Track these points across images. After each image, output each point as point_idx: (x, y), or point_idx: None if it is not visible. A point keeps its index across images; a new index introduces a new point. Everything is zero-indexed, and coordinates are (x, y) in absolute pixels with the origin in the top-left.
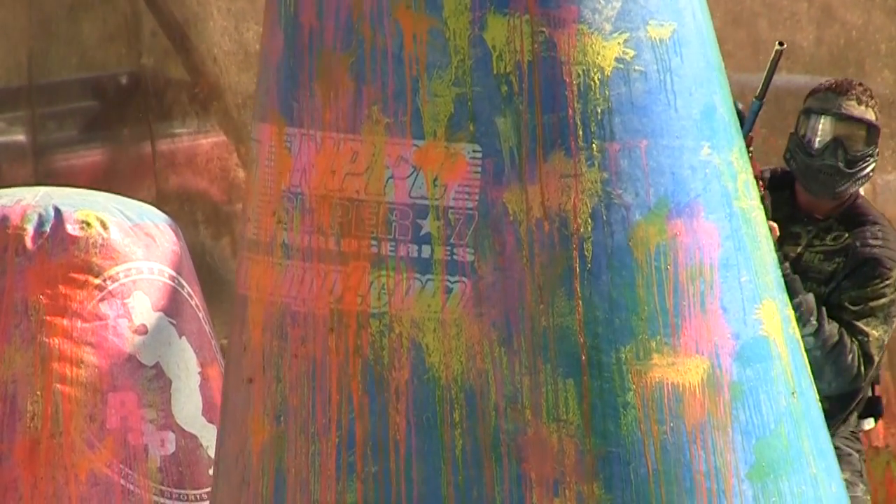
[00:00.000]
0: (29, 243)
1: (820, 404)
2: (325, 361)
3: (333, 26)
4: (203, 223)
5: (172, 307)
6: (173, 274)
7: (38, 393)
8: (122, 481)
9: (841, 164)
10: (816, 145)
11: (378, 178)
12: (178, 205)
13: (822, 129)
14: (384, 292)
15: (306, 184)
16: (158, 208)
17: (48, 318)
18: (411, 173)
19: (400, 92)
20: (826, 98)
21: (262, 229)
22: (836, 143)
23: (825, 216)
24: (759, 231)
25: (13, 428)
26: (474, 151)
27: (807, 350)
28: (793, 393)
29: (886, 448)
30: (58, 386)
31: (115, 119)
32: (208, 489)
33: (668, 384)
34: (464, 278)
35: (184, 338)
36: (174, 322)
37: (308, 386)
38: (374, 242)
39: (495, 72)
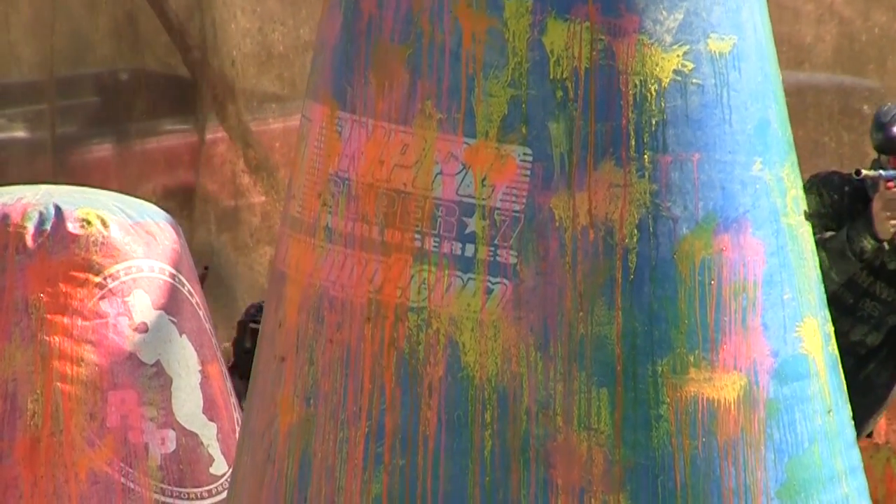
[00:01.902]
0: (29, 241)
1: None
2: (359, 350)
3: (393, 17)
4: (210, 222)
5: (173, 305)
6: (173, 272)
7: (39, 391)
8: (123, 480)
9: None
10: None
11: (426, 172)
12: (184, 202)
13: None
14: (424, 287)
15: (354, 170)
16: (166, 205)
17: (48, 316)
18: (460, 171)
19: (455, 89)
20: None
21: (306, 209)
22: None
23: None
24: (805, 247)
25: (13, 426)
26: (525, 154)
27: None
28: (829, 411)
29: (886, 444)
30: (58, 384)
31: (131, 115)
32: (209, 487)
33: (703, 399)
34: (505, 280)
35: (184, 336)
36: (174, 320)
37: (341, 372)
38: (417, 236)
39: (551, 76)
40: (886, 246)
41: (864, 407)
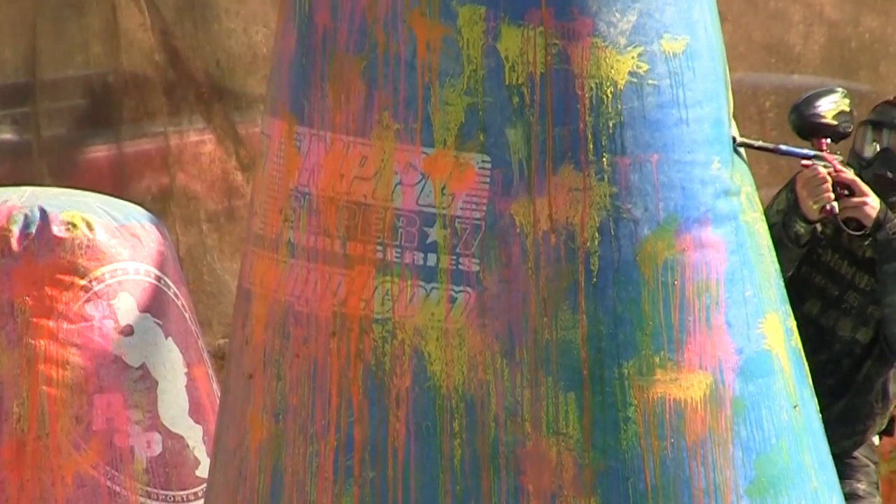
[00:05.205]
0: (15, 244)
1: (821, 418)
2: (326, 363)
3: (347, 28)
4: (204, 222)
5: (158, 308)
6: (159, 274)
7: (25, 395)
8: (109, 483)
9: (890, 174)
10: (866, 155)
11: (386, 183)
12: (181, 203)
13: (873, 140)
14: (388, 298)
15: (314, 184)
16: (161, 206)
17: (34, 319)
18: (420, 180)
19: (411, 99)
20: (882, 111)
21: (268, 225)
22: (885, 153)
23: None
24: (763, 243)
25: None
26: (483, 161)
27: None
28: (795, 406)
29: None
30: (44, 388)
31: (118, 117)
32: (195, 490)
33: (669, 400)
34: (468, 288)
35: (170, 338)
36: (160, 323)
37: (308, 387)
38: (379, 248)
39: (507, 83)
40: (819, 227)
41: (869, 405)
